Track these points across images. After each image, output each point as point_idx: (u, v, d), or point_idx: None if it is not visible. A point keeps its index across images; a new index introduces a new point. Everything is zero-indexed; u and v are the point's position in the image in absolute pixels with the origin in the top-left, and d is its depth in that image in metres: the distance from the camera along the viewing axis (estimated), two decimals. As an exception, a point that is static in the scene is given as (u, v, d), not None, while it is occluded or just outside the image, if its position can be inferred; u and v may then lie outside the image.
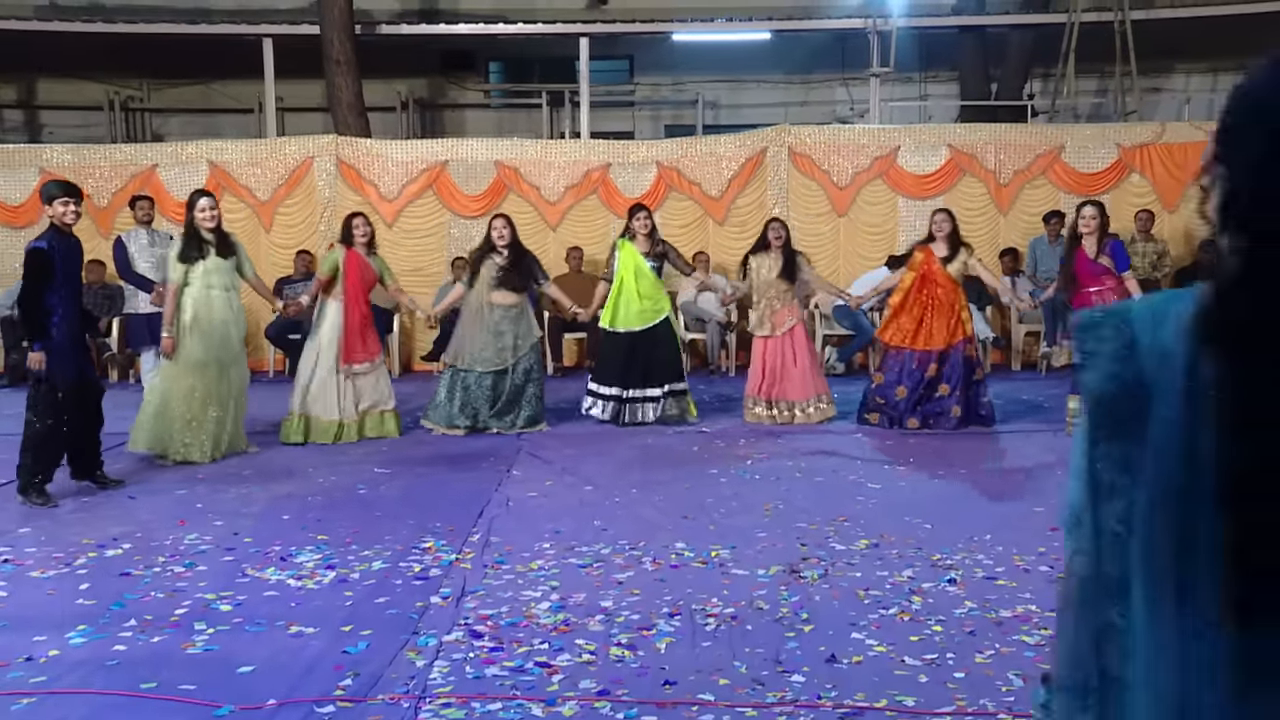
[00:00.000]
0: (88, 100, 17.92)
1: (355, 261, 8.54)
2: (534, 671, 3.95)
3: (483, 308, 8.73)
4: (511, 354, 8.72)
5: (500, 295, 8.71)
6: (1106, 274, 8.14)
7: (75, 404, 6.70)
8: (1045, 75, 17.35)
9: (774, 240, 9.12)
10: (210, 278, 7.80)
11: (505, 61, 19.47)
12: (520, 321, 8.78)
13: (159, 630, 4.41)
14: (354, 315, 8.53)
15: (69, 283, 6.69)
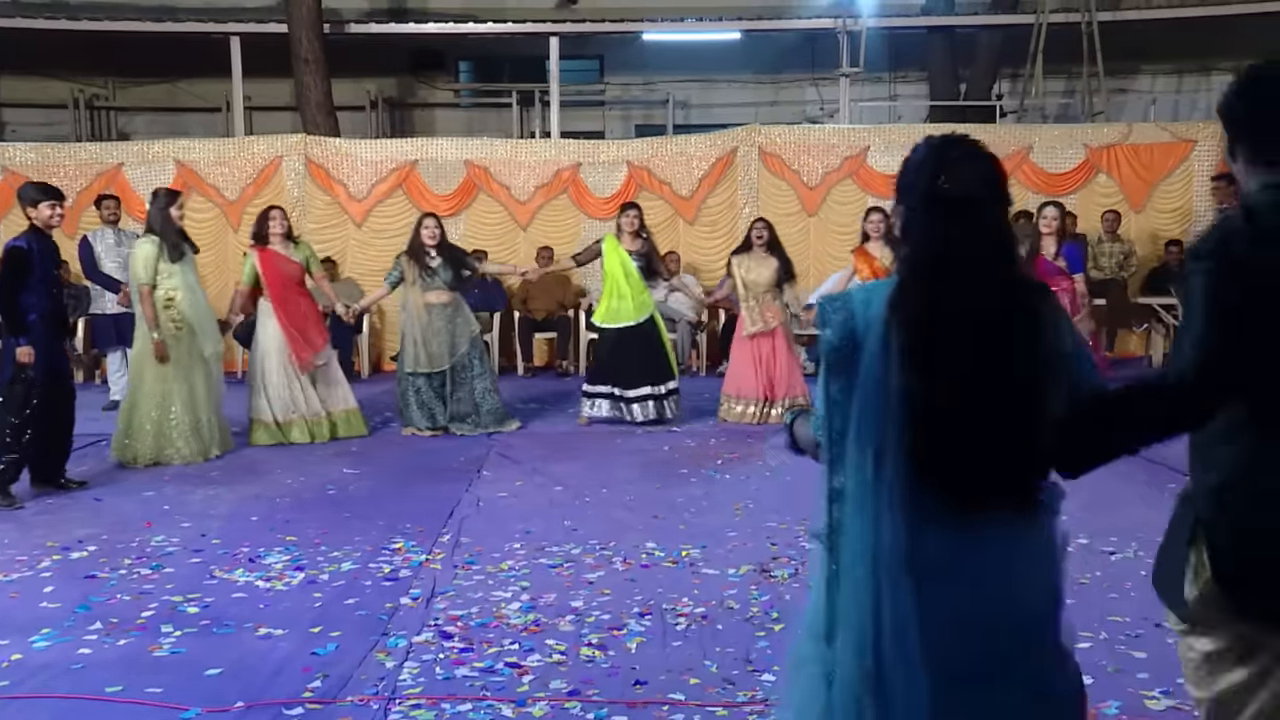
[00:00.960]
0: (51, 98, 17.72)
1: (270, 260, 8.40)
2: (504, 672, 3.95)
3: (420, 308, 8.68)
4: (451, 353, 8.67)
5: (434, 295, 8.66)
6: (1061, 274, 8.26)
7: (47, 404, 6.64)
8: (1013, 76, 17.45)
9: (756, 240, 9.13)
10: (182, 277, 7.77)
11: (475, 61, 19.41)
12: (456, 318, 8.73)
13: (125, 633, 4.37)
14: (286, 314, 8.38)
15: (46, 282, 6.66)
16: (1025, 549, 2.13)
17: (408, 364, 8.70)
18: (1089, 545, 5.45)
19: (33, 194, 6.73)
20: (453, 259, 8.77)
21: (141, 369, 7.74)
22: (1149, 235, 12.84)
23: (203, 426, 7.81)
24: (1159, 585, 2.36)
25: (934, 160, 2.15)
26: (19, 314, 6.49)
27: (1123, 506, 6.16)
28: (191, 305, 7.77)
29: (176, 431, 7.69)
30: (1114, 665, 3.95)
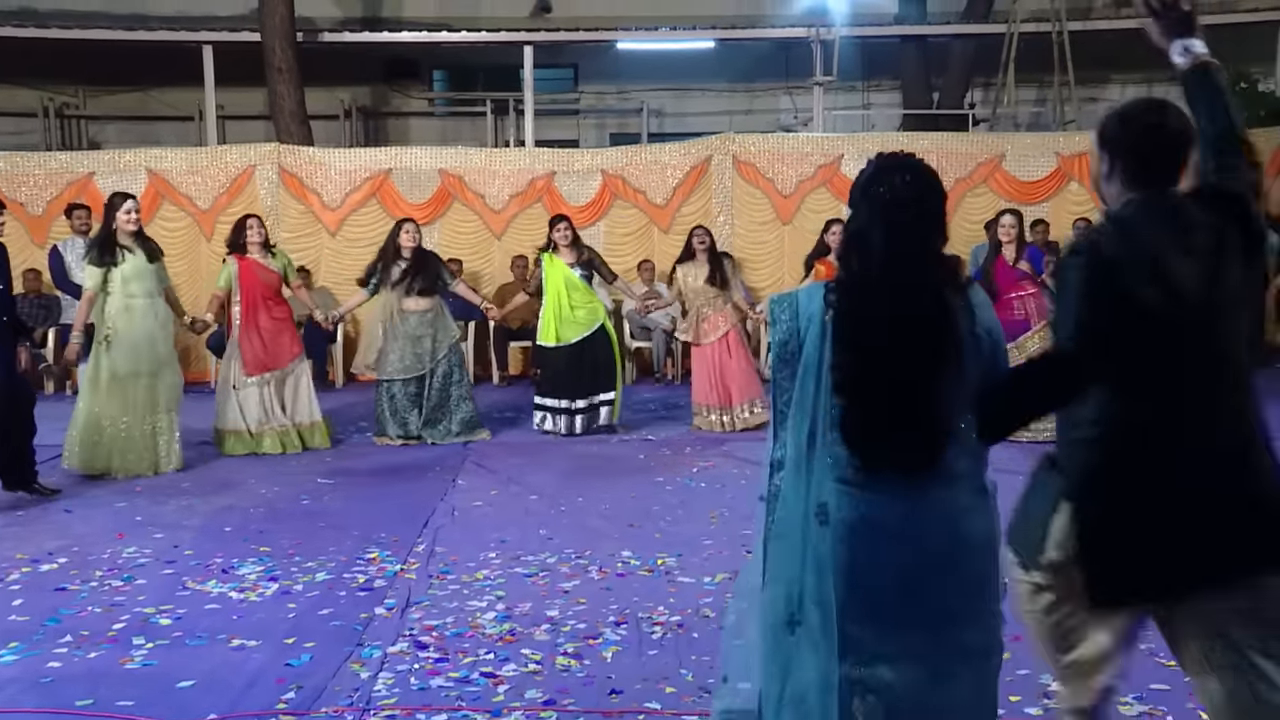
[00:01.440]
0: (20, 107, 17.60)
1: (248, 269, 8.35)
2: (479, 682, 3.93)
3: (395, 316, 8.65)
4: (430, 358, 8.64)
5: (412, 301, 8.63)
6: (1026, 279, 8.36)
7: (5, 412, 6.57)
8: (986, 85, 17.58)
9: (698, 247, 9.16)
10: (130, 285, 7.57)
11: (449, 70, 19.40)
12: (437, 324, 8.70)
13: (95, 646, 4.33)
14: (254, 324, 8.32)
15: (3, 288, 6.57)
16: (947, 509, 2.40)
17: (384, 371, 8.66)
18: (1063, 551, 5.47)
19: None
20: (427, 267, 8.72)
21: (93, 378, 7.58)
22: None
23: (158, 439, 7.66)
24: (1014, 541, 2.58)
25: (876, 173, 2.50)
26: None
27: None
28: (142, 316, 7.58)
29: (126, 442, 7.55)
30: (1088, 670, 3.96)
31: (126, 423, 7.55)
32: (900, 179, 2.47)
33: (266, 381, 8.35)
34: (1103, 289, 2.39)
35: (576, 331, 8.85)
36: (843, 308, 2.42)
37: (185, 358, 10.55)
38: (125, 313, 7.55)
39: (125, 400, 7.55)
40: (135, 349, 7.57)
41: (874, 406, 2.38)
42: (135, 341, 7.57)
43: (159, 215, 12.28)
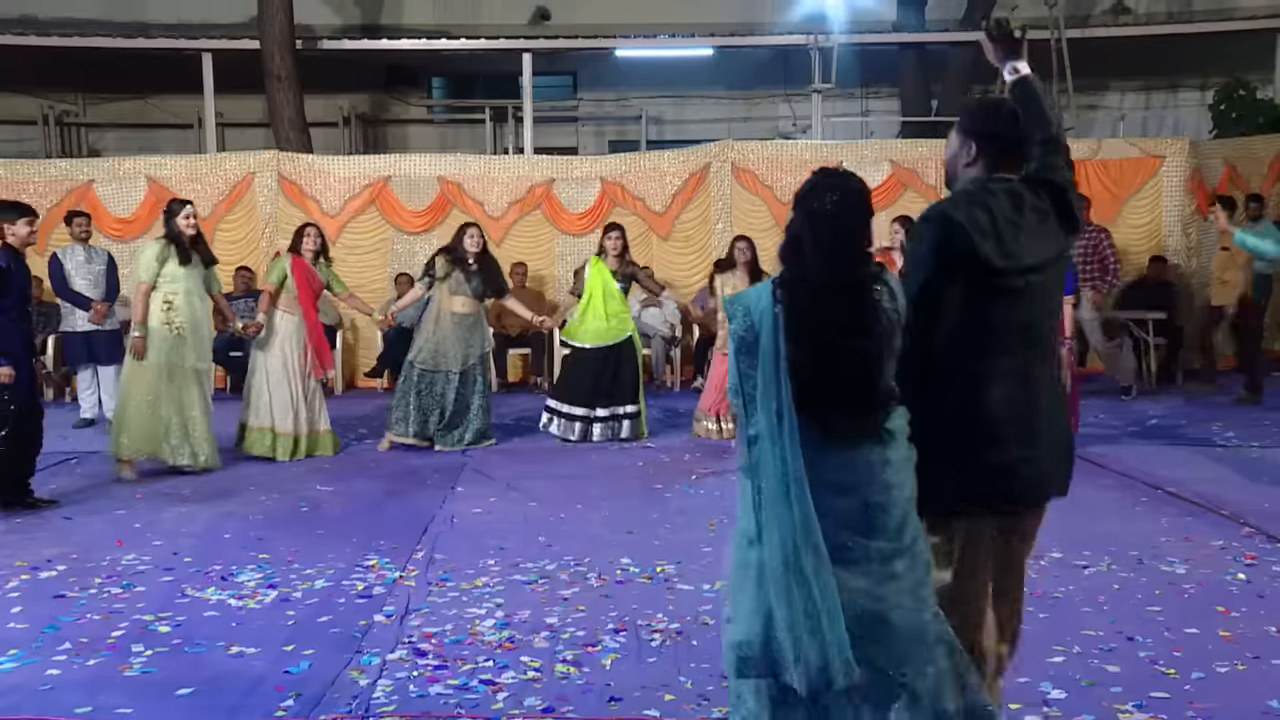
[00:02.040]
0: (20, 115, 17.64)
1: (302, 268, 8.46)
2: (479, 689, 3.93)
3: (441, 312, 8.67)
4: (463, 361, 8.66)
5: (460, 302, 8.66)
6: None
7: (22, 423, 6.60)
8: (984, 92, 17.58)
9: (739, 258, 9.17)
10: (178, 284, 7.78)
11: (448, 77, 19.43)
12: (475, 330, 8.74)
13: (95, 653, 4.32)
14: (315, 324, 8.51)
15: (23, 301, 6.66)
16: (885, 466, 2.85)
17: (420, 361, 8.67)
18: (1062, 559, 5.48)
19: (9, 213, 6.69)
20: (488, 273, 8.80)
21: (133, 369, 7.74)
22: (1119, 250, 12.93)
23: (193, 434, 7.79)
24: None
25: (812, 188, 2.92)
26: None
27: (1095, 520, 6.21)
28: (189, 313, 7.79)
29: (168, 430, 7.71)
30: (1087, 679, 3.96)
31: (162, 415, 7.69)
32: (830, 194, 2.89)
33: (296, 381, 8.42)
34: (948, 246, 2.95)
35: (604, 338, 8.87)
36: (788, 303, 2.84)
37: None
38: (169, 310, 7.72)
39: (162, 394, 7.69)
40: (177, 347, 7.74)
41: (822, 385, 2.83)
42: (176, 340, 7.74)
43: (159, 223, 12.26)
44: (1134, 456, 8.02)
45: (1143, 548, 5.65)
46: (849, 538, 2.83)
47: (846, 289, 2.84)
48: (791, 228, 2.92)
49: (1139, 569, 5.32)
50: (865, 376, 2.83)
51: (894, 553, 2.85)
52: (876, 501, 2.84)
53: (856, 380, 2.83)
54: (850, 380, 2.83)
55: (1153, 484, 7.15)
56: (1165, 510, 6.50)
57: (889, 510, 2.85)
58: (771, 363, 2.82)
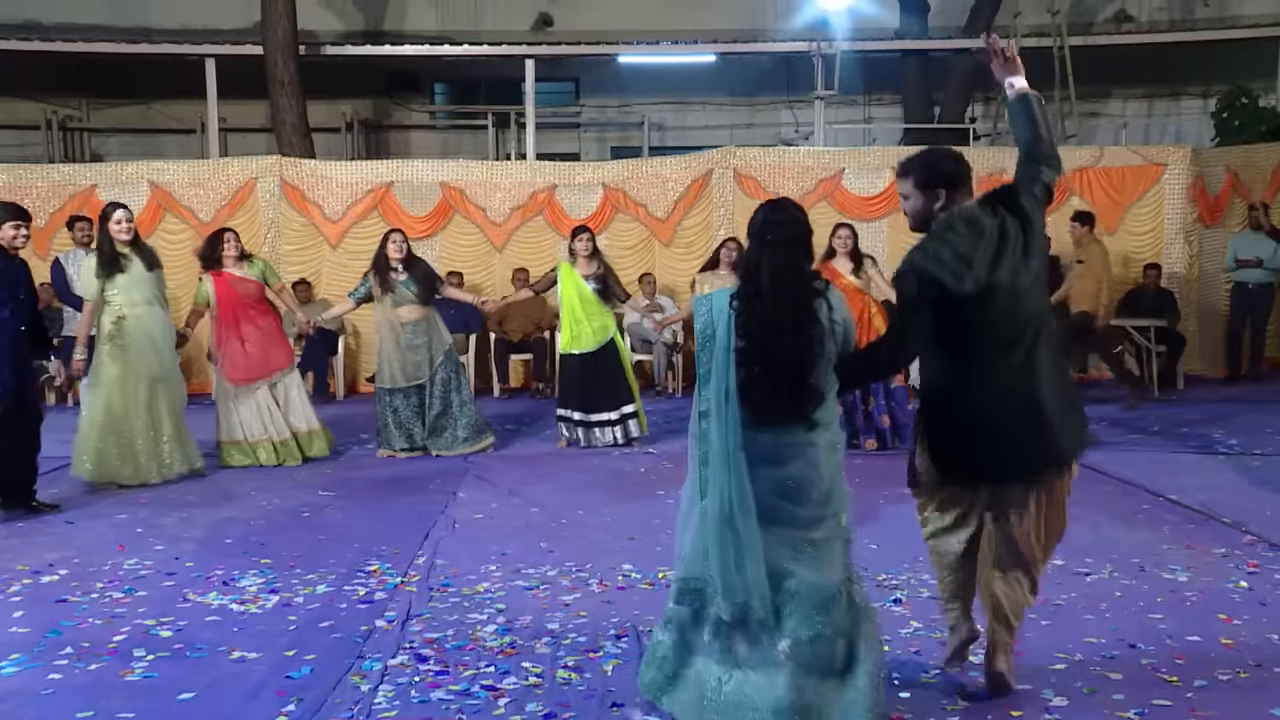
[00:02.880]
0: (23, 119, 17.66)
1: (224, 284, 8.30)
2: (480, 695, 3.93)
3: (393, 325, 8.65)
4: (428, 366, 8.64)
5: (406, 310, 8.63)
6: None
7: (13, 428, 6.58)
8: (987, 99, 17.63)
9: (725, 259, 9.15)
10: (130, 293, 7.62)
11: (450, 83, 19.46)
12: (431, 332, 8.70)
13: (96, 658, 4.33)
14: (235, 335, 8.28)
15: (10, 304, 6.56)
16: (810, 448, 3.53)
17: (384, 380, 8.67)
18: (1064, 566, 5.46)
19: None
20: (421, 274, 8.74)
21: (93, 389, 7.62)
22: (1121, 258, 12.94)
23: (162, 445, 7.71)
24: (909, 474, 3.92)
25: (763, 222, 3.62)
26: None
27: (1097, 527, 6.20)
28: (142, 322, 7.64)
29: (138, 452, 7.60)
30: (1089, 686, 3.96)
31: (131, 430, 7.58)
32: (778, 229, 3.59)
33: (255, 389, 8.33)
34: (927, 290, 3.55)
35: (589, 343, 8.85)
36: (741, 310, 3.54)
37: (188, 369, 10.59)
38: (124, 320, 7.59)
39: (129, 407, 7.59)
40: (139, 355, 7.62)
41: (762, 378, 3.48)
42: (138, 348, 7.62)
43: (161, 227, 12.32)
44: (1135, 463, 8.00)
45: (1144, 555, 5.65)
46: (778, 503, 3.50)
47: (788, 301, 3.50)
48: (749, 254, 3.65)
49: (1141, 576, 5.32)
50: (797, 370, 3.49)
51: (816, 519, 3.53)
52: (803, 475, 3.52)
53: (789, 373, 3.49)
54: (784, 373, 3.48)
55: (1154, 491, 7.14)
56: (1167, 518, 6.49)
57: (814, 483, 3.53)
58: (723, 354, 3.52)
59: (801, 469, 3.51)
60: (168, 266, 8.30)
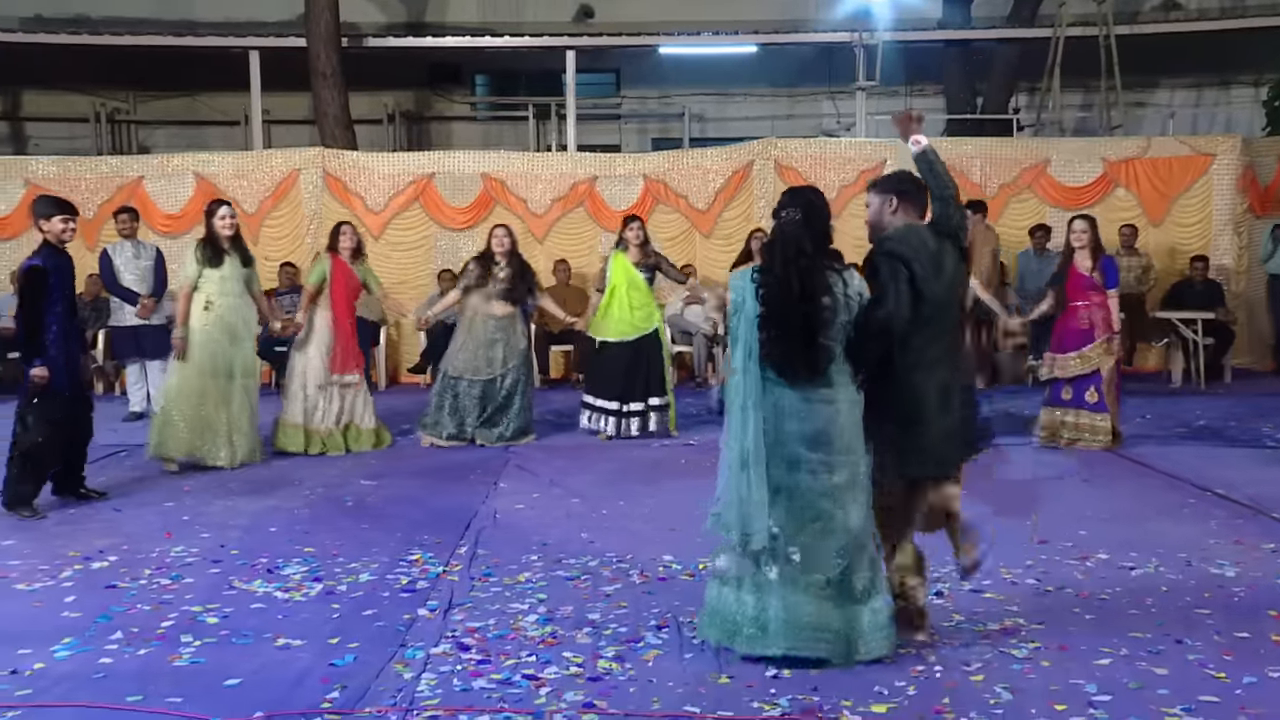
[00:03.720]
0: (73, 112, 17.88)
1: (341, 269, 8.53)
2: (521, 684, 3.95)
3: (476, 317, 8.71)
4: (501, 365, 8.71)
5: (497, 306, 8.71)
6: (1095, 289, 8.18)
7: (67, 419, 6.69)
8: (1031, 89, 17.45)
9: (755, 247, 9.12)
10: (221, 284, 7.87)
11: (491, 74, 19.50)
12: (511, 332, 8.78)
13: (145, 643, 4.39)
14: (342, 324, 8.56)
15: (64, 299, 6.69)
16: (832, 404, 4.10)
17: (454, 368, 8.72)
18: (1108, 560, 5.43)
19: (48, 209, 6.77)
20: (520, 274, 8.83)
21: (177, 370, 7.84)
22: (1168, 249, 12.81)
23: (236, 434, 7.89)
24: None
25: (780, 203, 4.24)
26: (40, 335, 6.53)
27: (1142, 521, 6.14)
28: (230, 313, 7.90)
29: (211, 431, 7.80)
30: (1135, 681, 3.92)
31: (207, 413, 7.78)
32: (794, 211, 4.16)
33: (335, 382, 8.48)
34: (907, 270, 4.15)
35: (631, 330, 8.87)
36: (761, 282, 4.13)
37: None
38: (211, 310, 7.82)
39: (207, 392, 7.79)
40: (220, 344, 7.84)
41: (779, 339, 4.06)
42: (220, 337, 7.85)
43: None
44: (1182, 457, 7.92)
45: (1191, 550, 5.59)
46: (802, 451, 4.07)
47: (796, 273, 4.07)
48: (770, 235, 4.36)
49: (1187, 571, 5.26)
50: (809, 332, 4.04)
51: (836, 465, 4.08)
52: (822, 428, 4.08)
53: (801, 334, 4.04)
54: (797, 334, 4.04)
55: (1201, 485, 7.06)
56: (1214, 512, 6.42)
57: (832, 434, 4.08)
58: (748, 321, 4.13)
59: (825, 423, 4.08)
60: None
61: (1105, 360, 8.17)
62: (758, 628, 4.06)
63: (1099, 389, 8.20)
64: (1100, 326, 8.16)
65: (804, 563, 4.05)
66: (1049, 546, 5.68)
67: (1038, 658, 4.16)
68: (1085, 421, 8.26)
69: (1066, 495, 6.94)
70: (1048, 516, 6.28)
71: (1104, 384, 8.19)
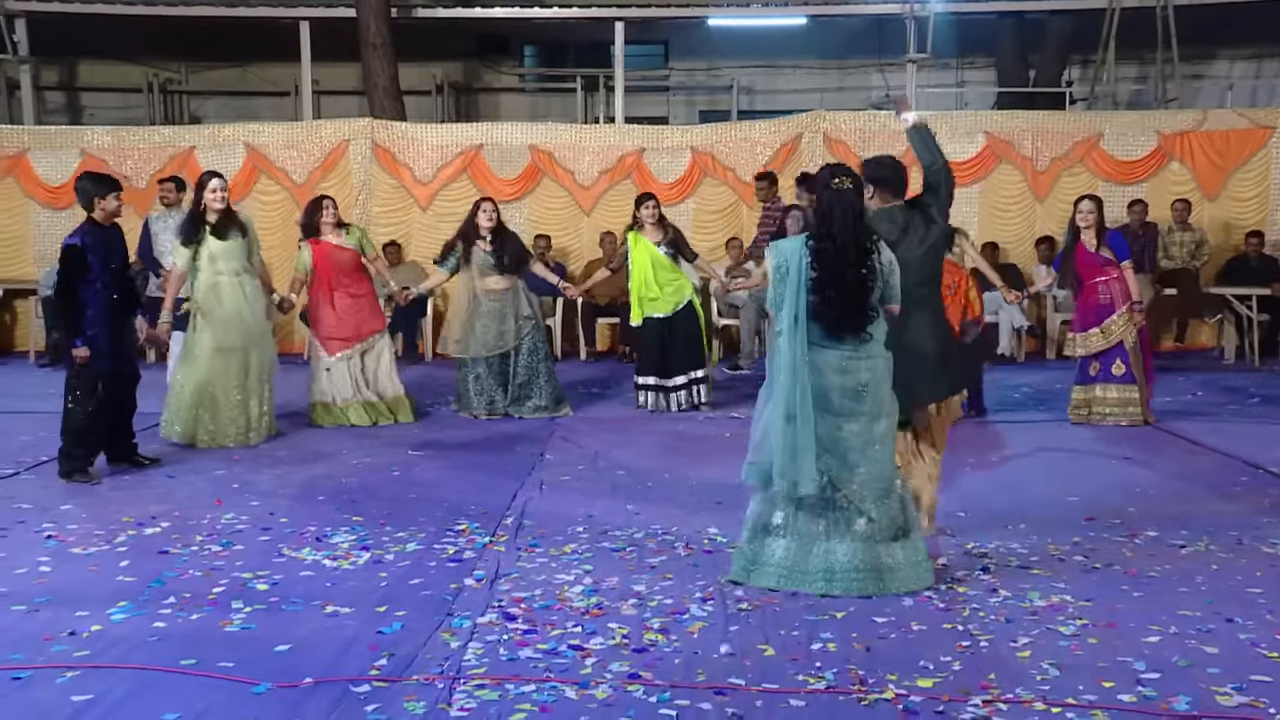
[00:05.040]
0: (127, 82, 18.05)
1: (323, 252, 8.45)
2: (567, 654, 3.98)
3: (476, 295, 8.71)
4: (513, 336, 8.70)
5: (492, 281, 8.69)
6: (1109, 264, 8.17)
7: (112, 390, 6.78)
8: (1084, 62, 17.17)
9: (792, 227, 9.08)
10: (217, 263, 7.67)
11: (540, 45, 19.46)
12: (516, 302, 8.75)
13: (197, 608, 4.46)
14: (329, 304, 8.45)
15: (104, 275, 6.68)
16: (871, 359, 4.57)
17: (470, 349, 8.74)
18: (1158, 538, 5.38)
19: (98, 187, 6.74)
20: (509, 245, 8.78)
21: (185, 353, 7.78)
22: (1222, 224, 12.59)
23: (249, 410, 7.80)
24: None
25: (832, 175, 4.65)
26: (76, 314, 6.58)
27: (1193, 499, 6.08)
28: (233, 290, 7.70)
29: (223, 416, 7.70)
30: (1184, 659, 3.89)
31: (216, 396, 7.68)
32: (846, 179, 4.63)
33: (349, 357, 8.49)
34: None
35: (665, 307, 8.86)
36: (816, 247, 4.55)
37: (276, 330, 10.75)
38: (213, 290, 7.67)
39: (216, 373, 7.68)
40: (225, 325, 7.67)
41: (833, 300, 4.49)
42: (225, 318, 7.67)
43: (256, 189, 12.56)
44: (1234, 435, 7.82)
45: (1243, 528, 5.52)
46: (844, 403, 4.55)
47: (853, 240, 4.53)
48: (821, 203, 4.67)
49: (1239, 549, 5.20)
50: (859, 294, 4.51)
51: (875, 415, 4.58)
52: (863, 381, 4.56)
53: (855, 296, 4.50)
54: (849, 297, 4.49)
55: (1253, 463, 6.97)
56: (1268, 491, 6.33)
57: (871, 387, 4.57)
58: (795, 286, 4.52)
59: (867, 377, 4.55)
60: (262, 229, 8.45)
61: (1128, 331, 8.15)
62: (799, 570, 4.56)
63: (1125, 361, 8.20)
64: (1119, 299, 8.15)
65: (846, 507, 4.55)
66: (1096, 523, 5.63)
67: (1085, 635, 4.13)
68: (1114, 395, 8.24)
69: (1114, 472, 6.88)
70: (1094, 493, 6.23)
71: (1129, 355, 8.17)
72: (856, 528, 4.54)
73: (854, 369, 4.53)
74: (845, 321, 4.50)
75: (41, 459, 7.09)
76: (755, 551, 4.69)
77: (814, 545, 4.56)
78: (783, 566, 4.59)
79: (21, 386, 10.49)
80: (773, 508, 4.65)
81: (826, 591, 4.50)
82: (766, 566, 4.64)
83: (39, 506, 6.07)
